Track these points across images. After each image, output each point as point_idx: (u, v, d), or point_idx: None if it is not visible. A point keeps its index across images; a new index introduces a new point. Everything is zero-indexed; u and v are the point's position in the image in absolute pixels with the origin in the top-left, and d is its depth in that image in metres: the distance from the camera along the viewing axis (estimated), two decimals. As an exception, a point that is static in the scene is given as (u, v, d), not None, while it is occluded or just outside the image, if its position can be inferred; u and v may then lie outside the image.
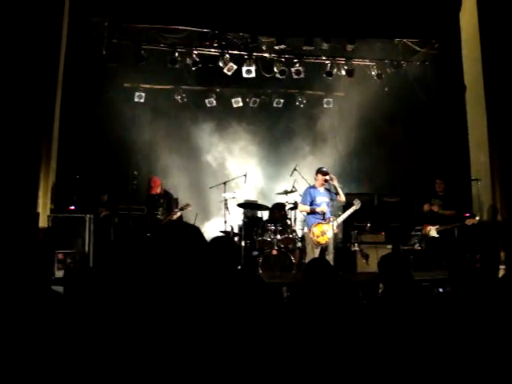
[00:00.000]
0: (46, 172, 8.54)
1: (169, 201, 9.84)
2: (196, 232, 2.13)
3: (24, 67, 8.13)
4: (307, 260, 8.34)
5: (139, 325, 1.93)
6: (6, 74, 8.01)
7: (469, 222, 8.71)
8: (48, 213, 8.57)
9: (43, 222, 8.35)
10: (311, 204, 8.51)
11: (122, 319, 2.00)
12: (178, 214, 9.48)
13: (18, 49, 8.11)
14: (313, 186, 8.69)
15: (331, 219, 8.39)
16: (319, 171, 8.64)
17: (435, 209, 9.23)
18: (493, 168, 9.26)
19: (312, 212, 8.49)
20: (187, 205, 9.57)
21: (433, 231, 9.14)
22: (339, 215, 8.69)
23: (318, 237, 8.34)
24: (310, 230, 8.44)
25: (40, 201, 8.34)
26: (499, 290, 3.67)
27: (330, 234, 8.36)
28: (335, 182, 8.60)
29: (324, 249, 8.39)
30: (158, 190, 9.75)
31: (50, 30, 8.49)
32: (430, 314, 3.39)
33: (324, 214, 8.38)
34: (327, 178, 8.52)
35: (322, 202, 8.48)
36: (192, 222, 9.09)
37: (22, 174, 8.06)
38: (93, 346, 2.02)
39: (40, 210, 8.32)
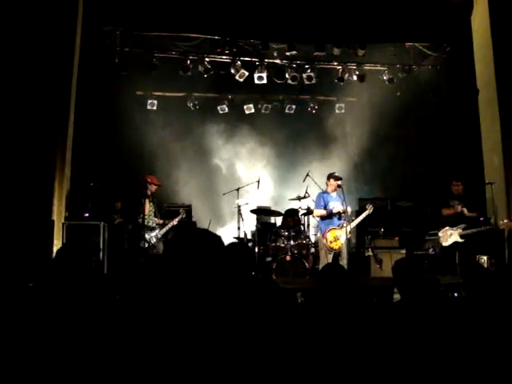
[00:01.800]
0: (60, 179, 8.61)
1: (158, 205, 9.59)
2: (218, 242, 2.14)
3: (38, 76, 8.23)
4: (320, 265, 8.34)
5: (154, 330, 1.95)
6: (20, 84, 8.11)
7: (503, 225, 8.50)
8: (63, 220, 8.64)
9: (58, 230, 8.41)
10: (325, 209, 8.51)
11: (136, 324, 2.02)
12: (174, 222, 9.30)
13: (32, 58, 8.22)
14: (325, 192, 8.69)
15: (344, 224, 8.38)
16: (332, 176, 8.64)
17: (464, 212, 8.79)
18: (507, 171, 9.21)
19: (328, 215, 8.48)
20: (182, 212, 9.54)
21: (455, 235, 8.77)
22: (352, 220, 8.68)
23: (331, 242, 8.34)
24: (323, 235, 8.44)
25: (55, 208, 8.42)
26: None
27: (343, 240, 8.35)
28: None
29: (337, 254, 8.38)
30: (154, 190, 9.40)
31: (64, 40, 8.59)
32: (445, 318, 3.38)
33: (341, 213, 8.38)
34: (339, 183, 8.52)
35: (335, 207, 8.48)
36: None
37: (37, 181, 8.14)
38: (109, 351, 2.03)
39: (55, 217, 8.39)
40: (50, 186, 8.41)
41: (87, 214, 9.29)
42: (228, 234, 10.90)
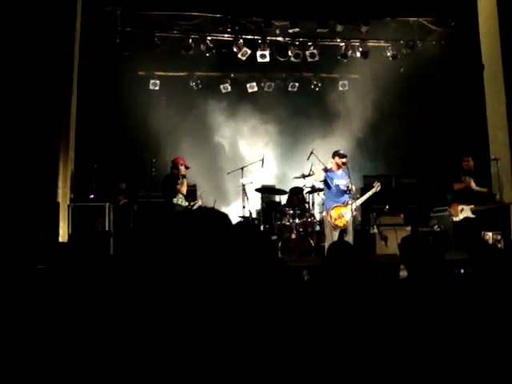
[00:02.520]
0: (64, 161, 8.63)
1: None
2: (225, 220, 2.14)
3: (40, 59, 8.20)
4: (326, 243, 8.34)
5: (161, 310, 1.96)
6: (22, 66, 8.08)
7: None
8: (68, 202, 8.66)
9: (63, 212, 8.44)
10: (329, 188, 8.50)
11: (144, 305, 2.03)
12: (200, 203, 9.26)
13: (34, 40, 8.17)
14: (329, 170, 8.66)
15: (349, 202, 8.37)
16: (337, 154, 8.60)
17: (472, 186, 8.65)
18: (512, 147, 9.17)
19: (326, 183, 8.46)
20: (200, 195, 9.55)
21: (466, 211, 8.67)
22: (357, 198, 8.66)
23: (335, 219, 8.34)
24: (327, 212, 8.44)
25: (60, 190, 8.44)
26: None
27: (348, 217, 8.35)
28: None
29: (343, 231, 8.39)
30: (184, 172, 9.20)
31: (64, 21, 8.55)
32: (451, 294, 3.39)
33: (347, 190, 8.37)
34: (344, 160, 8.49)
35: (340, 184, 8.46)
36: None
37: (42, 164, 8.15)
38: (112, 332, 2.05)
39: (60, 199, 8.41)
40: (54, 168, 8.43)
41: (92, 196, 9.32)
42: (233, 213, 10.93)
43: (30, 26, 8.13)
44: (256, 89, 12.56)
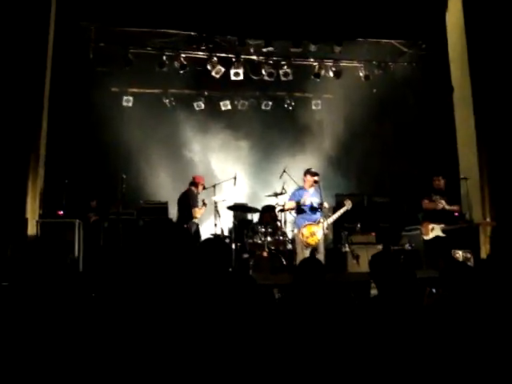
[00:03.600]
0: (34, 177, 8.47)
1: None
2: (184, 232, 2.12)
3: (11, 72, 8.09)
4: (297, 261, 8.33)
5: (130, 327, 1.92)
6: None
7: (485, 224, 8.60)
8: (37, 218, 8.50)
9: (32, 228, 8.28)
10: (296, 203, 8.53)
11: (112, 321, 1.99)
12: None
13: (4, 53, 8.06)
14: (301, 188, 8.68)
15: (321, 220, 8.38)
16: (309, 172, 8.63)
17: (441, 205, 8.70)
18: (481, 167, 9.32)
19: (299, 208, 8.47)
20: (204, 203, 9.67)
21: (437, 230, 8.69)
22: (329, 216, 8.68)
23: (307, 238, 8.33)
24: (299, 230, 8.43)
25: (28, 206, 8.28)
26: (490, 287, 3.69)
27: (319, 235, 8.35)
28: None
29: (314, 249, 8.38)
30: (201, 190, 9.74)
31: (37, 35, 8.46)
32: (423, 313, 3.39)
33: (316, 207, 8.38)
34: (316, 178, 8.52)
35: (313, 202, 8.48)
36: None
37: (10, 179, 8.01)
38: (82, 348, 2.00)
39: (28, 215, 8.26)
40: (23, 183, 8.27)
41: (62, 212, 9.18)
42: (205, 230, 10.86)
43: (0, 39, 8.03)
44: (229, 107, 12.61)
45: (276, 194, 9.84)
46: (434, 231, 8.69)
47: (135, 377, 1.84)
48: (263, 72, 11.78)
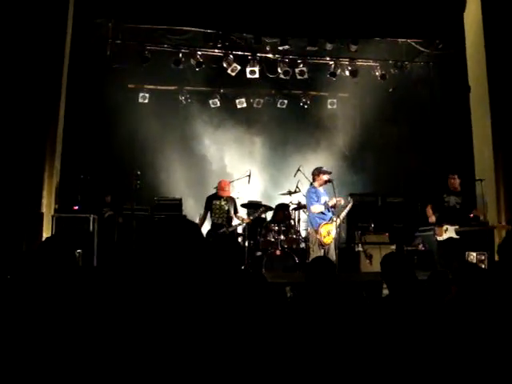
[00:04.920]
0: (50, 172, 8.55)
1: (234, 206, 9.66)
2: (194, 229, 2.13)
3: (29, 68, 8.16)
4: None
5: (141, 324, 1.94)
6: (11, 75, 8.04)
7: (500, 227, 8.53)
8: (52, 213, 8.59)
9: (47, 222, 8.36)
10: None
11: (124, 319, 2.00)
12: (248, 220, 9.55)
13: (23, 50, 8.14)
14: (314, 187, 8.65)
15: (334, 219, 8.37)
16: (322, 171, 8.62)
17: (431, 220, 8.73)
18: (497, 168, 9.22)
19: (326, 209, 8.46)
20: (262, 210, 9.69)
21: (451, 231, 8.55)
22: (338, 215, 8.66)
23: (324, 237, 8.32)
24: (316, 230, 8.38)
25: (44, 201, 8.37)
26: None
27: (334, 234, 8.36)
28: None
29: (328, 249, 8.39)
30: (225, 194, 9.50)
31: (55, 32, 8.52)
32: (434, 313, 3.39)
33: (334, 207, 8.38)
34: (329, 177, 8.52)
35: (325, 201, 8.48)
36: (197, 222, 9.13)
37: (27, 174, 8.09)
38: (93, 345, 2.02)
39: (44, 209, 8.34)
40: (39, 178, 8.35)
41: (77, 207, 9.26)
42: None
43: (19, 36, 8.11)
44: (245, 105, 12.61)
45: (290, 193, 9.85)
46: (448, 232, 8.59)
47: (142, 374, 1.86)
48: (279, 70, 11.77)
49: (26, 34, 8.15)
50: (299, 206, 9.81)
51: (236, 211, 9.61)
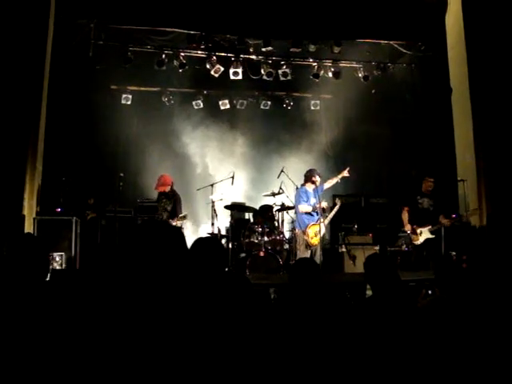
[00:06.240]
0: (31, 174, 8.45)
1: (174, 204, 9.34)
2: (176, 232, 2.12)
3: (9, 69, 8.07)
4: (297, 261, 8.32)
5: (124, 326, 1.92)
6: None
7: (445, 222, 8.57)
8: (34, 215, 8.50)
9: (29, 225, 8.27)
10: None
11: (107, 321, 1.99)
12: (177, 223, 9.08)
13: (3, 51, 8.04)
14: (304, 187, 8.67)
15: (321, 220, 8.39)
16: (316, 172, 8.63)
17: (406, 229, 8.84)
18: (479, 169, 9.31)
19: (313, 210, 8.47)
20: (184, 216, 9.33)
21: (425, 233, 8.64)
22: (326, 216, 8.69)
23: (312, 238, 8.34)
24: (304, 231, 8.39)
25: (26, 203, 8.27)
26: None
27: (321, 235, 8.40)
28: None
29: (314, 250, 8.41)
30: (166, 189, 9.28)
31: (36, 32, 8.42)
32: (417, 314, 3.40)
33: (323, 208, 8.41)
34: (318, 179, 8.55)
35: (314, 202, 8.49)
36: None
37: (8, 176, 7.99)
38: (77, 347, 2.00)
39: (26, 212, 8.24)
40: (20, 180, 8.24)
41: (59, 209, 9.17)
42: (201, 230, 10.86)
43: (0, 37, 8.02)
44: (228, 106, 12.60)
45: (273, 194, 9.86)
46: (423, 235, 8.66)
47: (128, 376, 1.84)
48: (262, 72, 11.77)
49: (6, 34, 8.05)
50: (283, 208, 9.82)
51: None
